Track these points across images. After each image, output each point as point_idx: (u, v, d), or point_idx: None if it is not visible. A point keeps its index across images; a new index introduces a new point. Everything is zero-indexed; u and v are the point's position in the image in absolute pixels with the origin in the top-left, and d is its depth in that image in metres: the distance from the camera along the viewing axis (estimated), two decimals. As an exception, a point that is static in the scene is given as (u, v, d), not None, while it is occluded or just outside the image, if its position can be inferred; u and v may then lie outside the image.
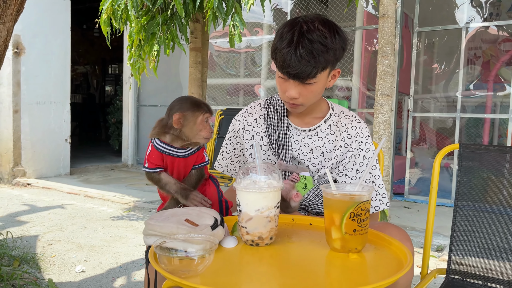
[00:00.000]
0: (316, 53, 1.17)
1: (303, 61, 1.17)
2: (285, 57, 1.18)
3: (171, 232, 0.95)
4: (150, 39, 3.52)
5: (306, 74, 1.20)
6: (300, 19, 1.22)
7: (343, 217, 0.95)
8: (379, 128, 3.12)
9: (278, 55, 1.21)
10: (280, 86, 1.31)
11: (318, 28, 1.19)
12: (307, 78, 1.21)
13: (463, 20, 4.87)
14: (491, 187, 1.45)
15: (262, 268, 0.97)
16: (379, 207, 1.38)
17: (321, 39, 1.18)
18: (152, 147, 1.22)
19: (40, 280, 2.33)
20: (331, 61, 1.23)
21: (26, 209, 3.96)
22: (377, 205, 1.38)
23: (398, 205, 4.43)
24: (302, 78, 1.21)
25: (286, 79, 1.25)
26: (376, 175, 1.39)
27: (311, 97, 1.30)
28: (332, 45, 1.20)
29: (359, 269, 0.94)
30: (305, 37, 1.17)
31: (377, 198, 1.38)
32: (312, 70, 1.19)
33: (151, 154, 1.22)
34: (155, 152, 1.22)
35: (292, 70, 1.20)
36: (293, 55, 1.17)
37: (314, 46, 1.17)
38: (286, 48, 1.18)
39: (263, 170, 1.04)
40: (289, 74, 1.22)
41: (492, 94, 5.72)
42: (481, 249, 1.43)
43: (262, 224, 1.01)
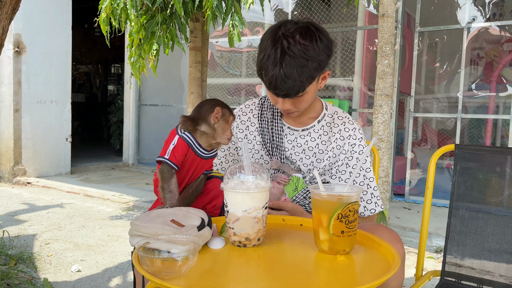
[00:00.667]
0: (300, 70, 1.16)
1: (289, 81, 1.17)
2: (271, 79, 1.18)
3: (156, 232, 0.94)
4: (150, 38, 3.51)
5: (295, 92, 1.20)
6: (281, 32, 1.19)
7: (330, 218, 0.94)
8: (378, 129, 3.09)
9: (264, 75, 1.20)
10: (271, 99, 1.30)
11: (299, 41, 1.16)
12: (296, 95, 1.21)
13: (465, 20, 4.83)
14: (487, 188, 1.43)
15: (249, 270, 0.96)
16: (374, 209, 1.37)
17: (303, 54, 1.16)
18: (180, 140, 1.19)
19: (35, 280, 2.33)
20: (318, 72, 1.22)
21: (25, 208, 3.96)
22: (373, 207, 1.37)
23: (398, 205, 4.40)
24: (291, 95, 1.21)
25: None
26: (370, 178, 1.37)
27: (304, 105, 1.30)
28: (315, 57, 1.18)
29: (347, 271, 0.92)
30: (287, 54, 1.16)
31: (372, 201, 1.36)
32: (300, 87, 1.19)
33: (177, 148, 1.18)
34: (182, 145, 1.18)
35: (280, 91, 1.20)
36: (278, 76, 1.16)
37: (297, 62, 1.16)
38: (271, 69, 1.17)
39: (251, 170, 1.03)
40: (277, 94, 1.22)
41: (495, 94, 5.68)
42: (476, 251, 1.41)
43: (250, 225, 1.00)
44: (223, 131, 1.21)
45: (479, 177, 1.44)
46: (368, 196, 1.35)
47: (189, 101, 4.09)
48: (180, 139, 1.19)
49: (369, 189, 1.36)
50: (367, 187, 1.36)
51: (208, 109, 1.20)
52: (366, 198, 1.35)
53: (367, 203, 1.35)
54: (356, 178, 1.36)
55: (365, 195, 1.35)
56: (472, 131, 6.10)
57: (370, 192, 1.36)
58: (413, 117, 4.86)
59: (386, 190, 3.11)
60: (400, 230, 3.49)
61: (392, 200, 4.68)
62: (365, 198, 1.35)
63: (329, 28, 5.54)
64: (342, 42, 5.98)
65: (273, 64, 1.16)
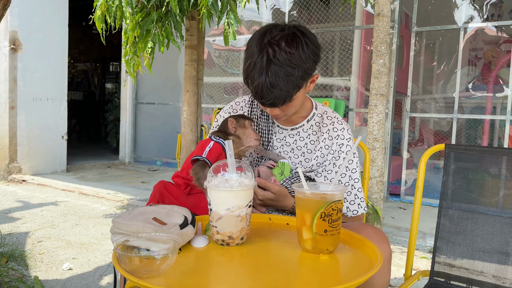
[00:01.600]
0: (285, 79, 1.14)
1: (275, 90, 1.15)
2: (257, 88, 1.17)
3: (137, 230, 0.93)
4: (145, 36, 3.50)
5: (281, 101, 1.19)
6: (266, 40, 1.16)
7: (313, 217, 0.93)
8: (373, 128, 3.08)
9: (250, 84, 1.19)
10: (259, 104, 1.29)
11: (284, 49, 1.14)
12: (283, 104, 1.20)
13: (461, 20, 4.83)
14: (477, 188, 1.42)
15: (231, 269, 0.94)
16: (357, 211, 1.35)
17: (289, 62, 1.14)
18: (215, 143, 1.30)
19: (26, 277, 2.31)
20: (304, 79, 1.20)
21: (19, 206, 3.94)
22: (355, 209, 1.35)
23: (393, 206, 4.39)
24: (278, 105, 1.20)
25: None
26: (355, 178, 1.36)
27: (292, 110, 1.29)
28: (301, 65, 1.16)
29: (329, 270, 0.91)
30: (272, 63, 1.14)
31: (355, 202, 1.35)
32: (286, 96, 1.18)
33: (213, 150, 1.28)
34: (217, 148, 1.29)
35: (266, 101, 1.19)
36: (264, 86, 1.15)
37: (283, 71, 1.14)
38: (257, 78, 1.15)
39: (235, 169, 1.02)
40: (264, 104, 1.21)
41: (492, 95, 5.68)
42: (466, 251, 1.40)
43: (233, 223, 0.99)
44: (246, 135, 1.36)
45: (469, 177, 1.43)
46: (351, 197, 1.34)
47: (184, 99, 4.08)
48: (215, 143, 1.29)
49: (353, 190, 1.34)
50: (352, 187, 1.35)
51: (225, 122, 1.39)
52: (349, 199, 1.34)
53: (350, 204, 1.34)
54: (342, 178, 1.35)
55: (348, 195, 1.34)
56: (470, 132, 6.10)
57: (354, 193, 1.34)
58: (410, 117, 4.85)
59: (380, 190, 3.10)
60: (395, 230, 3.48)
61: (387, 200, 4.67)
62: (349, 199, 1.34)
63: (326, 28, 5.53)
64: (340, 41, 5.98)
65: (259, 73, 1.15)
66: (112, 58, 12.22)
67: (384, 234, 1.13)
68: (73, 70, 13.04)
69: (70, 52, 5.75)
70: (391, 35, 4.54)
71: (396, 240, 3.24)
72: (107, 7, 3.48)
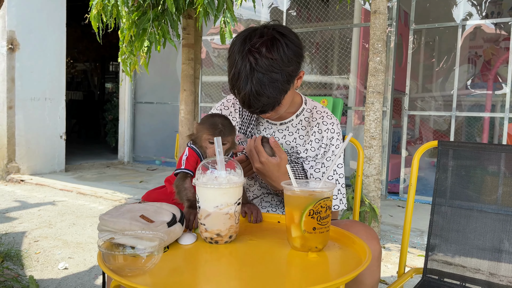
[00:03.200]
0: (271, 86, 1.14)
1: (262, 98, 1.15)
2: (244, 98, 1.17)
3: (124, 228, 0.92)
4: (141, 35, 3.49)
5: (270, 107, 1.19)
6: (247, 49, 1.15)
7: (302, 214, 0.92)
8: (370, 126, 3.07)
9: (237, 93, 1.19)
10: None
11: (265, 56, 1.13)
12: (272, 109, 1.20)
13: (460, 18, 4.81)
14: (470, 184, 1.41)
15: (219, 267, 0.94)
16: (338, 206, 1.34)
17: (272, 68, 1.13)
18: (190, 149, 1.22)
19: (21, 277, 2.31)
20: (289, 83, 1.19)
21: (16, 206, 3.94)
22: (336, 203, 1.34)
23: (392, 204, 4.38)
24: (267, 111, 1.20)
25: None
26: (340, 174, 1.35)
27: (283, 109, 1.28)
28: (285, 68, 1.15)
29: (318, 268, 0.90)
30: (255, 71, 1.13)
31: (338, 197, 1.34)
32: (274, 102, 1.18)
33: (189, 157, 1.21)
34: (193, 154, 1.21)
35: (255, 110, 1.19)
36: (251, 95, 1.15)
37: (267, 77, 1.13)
38: (243, 89, 1.15)
39: (224, 166, 1.01)
40: (253, 112, 1.22)
41: (491, 93, 5.67)
42: (459, 248, 1.39)
43: (221, 221, 0.98)
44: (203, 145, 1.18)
45: (462, 173, 1.42)
46: (334, 191, 1.33)
47: (181, 98, 4.07)
48: (190, 149, 1.22)
49: (337, 185, 1.34)
50: (336, 182, 1.34)
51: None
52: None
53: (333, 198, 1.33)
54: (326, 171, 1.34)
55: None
56: (469, 130, 6.09)
57: (337, 188, 1.34)
58: (408, 115, 4.84)
59: (377, 188, 3.09)
60: (393, 228, 3.47)
61: (386, 198, 4.66)
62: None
63: (325, 26, 5.52)
64: (338, 40, 5.96)
65: (244, 83, 1.14)
66: (111, 57, 12.21)
67: (374, 231, 1.12)
68: (73, 70, 13.05)
69: (69, 52, 5.75)
70: (389, 33, 4.53)
71: (394, 239, 3.23)
72: (103, 6, 3.47)
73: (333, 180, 1.33)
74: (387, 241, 3.18)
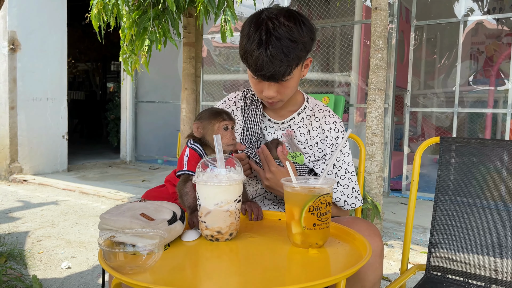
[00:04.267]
0: (286, 51, 1.14)
1: (275, 61, 1.14)
2: (257, 60, 1.15)
3: (124, 226, 0.92)
4: (142, 34, 3.48)
5: (281, 73, 1.17)
6: (264, 15, 1.17)
7: (302, 210, 0.92)
8: (372, 123, 3.07)
9: (249, 58, 1.17)
10: (255, 87, 1.27)
11: (283, 23, 1.15)
12: (282, 77, 1.19)
13: (461, 14, 4.79)
14: (472, 181, 1.41)
15: (220, 265, 0.93)
16: (355, 204, 1.35)
17: (288, 35, 1.14)
18: (191, 150, 1.19)
19: (24, 276, 2.31)
20: (303, 55, 1.20)
21: (19, 206, 3.95)
22: (353, 202, 1.34)
23: (395, 201, 4.38)
24: (277, 78, 1.19)
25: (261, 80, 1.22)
26: (352, 172, 1.35)
27: (288, 93, 1.28)
28: (300, 39, 1.16)
29: (319, 264, 0.90)
30: (273, 35, 1.13)
31: (353, 195, 1.34)
32: (286, 69, 1.16)
33: (191, 158, 1.18)
34: (195, 154, 1.19)
35: (266, 72, 1.17)
36: (264, 56, 1.13)
37: (283, 43, 1.13)
38: (256, 50, 1.14)
39: (223, 163, 1.01)
40: (264, 76, 1.18)
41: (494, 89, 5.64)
42: (461, 244, 1.39)
43: (222, 218, 0.98)
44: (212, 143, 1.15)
45: (465, 169, 1.41)
46: (349, 190, 1.33)
47: (183, 97, 4.07)
48: (191, 150, 1.20)
49: (350, 183, 1.34)
50: (349, 181, 1.34)
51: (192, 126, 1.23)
52: (347, 193, 1.33)
53: (347, 197, 1.33)
54: (338, 171, 1.34)
55: (346, 189, 1.33)
56: (472, 126, 6.06)
57: (351, 187, 1.34)
58: (411, 112, 4.82)
59: (380, 185, 3.09)
60: (396, 225, 3.47)
61: (389, 195, 4.65)
62: (346, 193, 1.33)
63: (326, 23, 5.51)
64: (340, 37, 5.95)
65: (258, 46, 1.14)
66: (113, 57, 12.23)
67: (377, 228, 1.12)
68: (75, 70, 13.07)
69: (71, 52, 5.75)
70: (391, 30, 4.51)
71: (397, 236, 3.23)
72: (103, 5, 3.47)
73: (345, 178, 1.33)
74: (389, 238, 3.17)
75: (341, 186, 1.34)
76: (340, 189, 1.33)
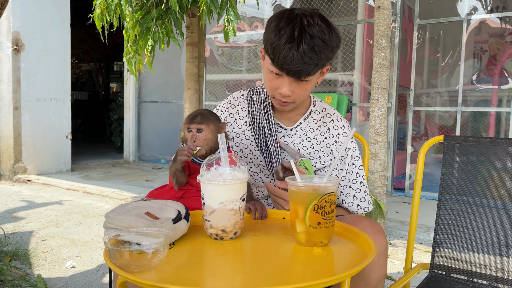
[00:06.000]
0: (317, 50, 1.13)
1: (305, 57, 1.12)
2: (287, 53, 1.12)
3: (129, 225, 0.92)
4: (145, 34, 3.49)
5: (308, 71, 1.15)
6: (297, 12, 1.16)
7: (306, 209, 0.92)
8: (375, 122, 3.06)
9: (277, 51, 1.14)
10: (271, 83, 1.24)
11: (317, 23, 1.14)
12: (306, 76, 1.17)
13: (464, 12, 4.78)
14: (476, 179, 1.40)
15: (224, 263, 0.94)
16: (368, 207, 1.35)
17: (321, 35, 1.13)
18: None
19: (29, 276, 2.33)
20: (330, 58, 1.19)
21: (23, 205, 3.97)
22: (366, 206, 1.35)
23: (398, 200, 4.37)
24: (302, 75, 1.16)
25: (281, 75, 1.19)
26: (363, 175, 1.36)
27: (303, 95, 1.25)
28: (330, 42, 1.15)
29: (323, 262, 0.90)
30: (307, 32, 1.12)
31: (365, 199, 1.34)
32: (314, 67, 1.15)
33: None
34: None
35: (294, 67, 1.14)
36: (295, 51, 1.11)
37: (315, 42, 1.12)
38: (288, 44, 1.12)
39: (228, 162, 1.01)
40: (290, 71, 1.16)
41: (497, 88, 5.63)
42: (465, 243, 1.39)
43: (226, 217, 0.98)
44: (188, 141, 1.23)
45: (469, 168, 1.41)
46: (361, 194, 1.33)
47: (186, 96, 4.08)
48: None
49: (362, 187, 1.34)
50: (361, 184, 1.34)
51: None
52: (359, 196, 1.33)
53: (360, 201, 1.33)
54: (350, 176, 1.34)
55: (358, 193, 1.33)
56: (475, 125, 6.05)
57: (363, 190, 1.34)
58: (414, 111, 4.81)
59: (383, 184, 3.08)
60: (399, 224, 3.46)
61: (392, 195, 4.65)
62: (359, 197, 1.33)
63: (328, 22, 5.49)
64: (342, 36, 5.94)
65: (290, 40, 1.12)
66: (116, 57, 12.25)
67: (380, 226, 1.12)
68: (78, 70, 13.11)
69: (74, 52, 5.77)
70: (394, 29, 4.51)
71: (400, 235, 3.22)
72: (106, 6, 3.48)
73: (357, 182, 1.33)
74: (393, 238, 3.17)
75: (353, 191, 1.33)
76: (352, 193, 1.33)
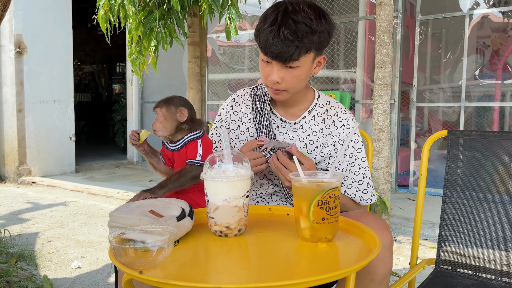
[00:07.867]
0: (300, 34, 1.13)
1: (286, 41, 1.13)
2: (268, 36, 1.14)
3: (134, 223, 0.92)
4: (148, 35, 3.49)
5: (289, 54, 1.15)
6: (286, 0, 1.18)
7: (310, 205, 0.92)
8: (378, 119, 3.05)
9: (261, 35, 1.17)
10: (263, 71, 1.26)
11: (303, 9, 1.15)
12: (290, 60, 1.17)
13: (467, 7, 4.76)
14: (481, 174, 1.40)
15: (229, 260, 0.94)
16: (370, 199, 1.34)
17: (306, 21, 1.14)
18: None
19: (35, 277, 2.34)
20: (316, 44, 1.18)
21: (28, 207, 3.98)
22: (369, 197, 1.34)
23: (402, 197, 4.36)
24: (285, 59, 1.16)
25: (269, 62, 1.21)
26: (366, 167, 1.35)
27: (294, 83, 1.24)
28: (317, 28, 1.15)
29: (328, 258, 0.90)
30: (290, 17, 1.13)
31: (368, 191, 1.34)
32: (295, 50, 1.15)
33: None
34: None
35: (275, 50, 1.15)
36: (276, 34, 1.13)
37: (299, 26, 1.13)
38: (269, 27, 1.14)
39: (231, 159, 1.01)
40: (272, 54, 1.17)
41: (501, 83, 5.60)
42: (471, 238, 1.38)
43: (230, 214, 0.98)
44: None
45: (473, 163, 1.41)
46: (364, 185, 1.33)
47: (188, 96, 4.08)
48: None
49: (365, 179, 1.33)
50: (363, 176, 1.33)
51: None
52: (362, 188, 1.33)
53: (363, 192, 1.33)
54: (351, 168, 1.34)
55: (361, 184, 1.33)
56: (479, 120, 6.02)
57: (366, 182, 1.33)
58: (417, 107, 4.80)
59: (387, 180, 3.08)
60: (404, 221, 3.45)
61: (396, 191, 4.64)
62: (361, 188, 1.33)
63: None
64: (344, 34, 5.93)
65: (272, 23, 1.14)
66: (118, 59, 12.28)
67: (385, 221, 1.11)
68: (80, 72, 13.14)
69: (76, 54, 5.79)
70: (396, 25, 4.49)
71: (405, 231, 3.22)
72: (110, 6, 3.49)
73: (359, 174, 1.33)
74: (398, 234, 3.16)
75: (355, 182, 1.33)
76: (355, 185, 1.33)
